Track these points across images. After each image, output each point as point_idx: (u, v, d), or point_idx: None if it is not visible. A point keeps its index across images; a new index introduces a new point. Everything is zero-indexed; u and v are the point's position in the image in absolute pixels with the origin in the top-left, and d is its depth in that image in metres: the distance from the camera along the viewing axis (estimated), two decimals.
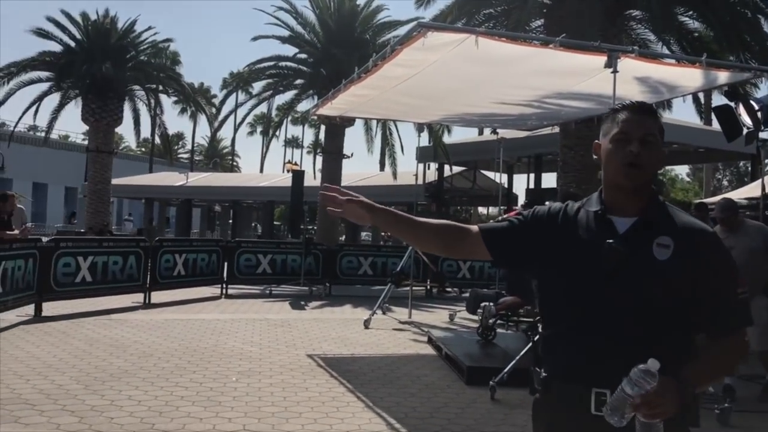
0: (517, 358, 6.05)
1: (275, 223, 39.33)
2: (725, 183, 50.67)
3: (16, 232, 8.57)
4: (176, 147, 62.97)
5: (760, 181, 9.47)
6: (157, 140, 43.10)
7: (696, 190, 47.89)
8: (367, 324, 9.32)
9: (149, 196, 35.52)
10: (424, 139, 18.75)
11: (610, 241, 1.78)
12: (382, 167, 34.24)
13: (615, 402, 1.57)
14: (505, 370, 5.91)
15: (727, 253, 1.85)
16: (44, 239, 10.10)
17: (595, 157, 1.91)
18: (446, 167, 23.46)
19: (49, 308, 9.12)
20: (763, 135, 7.36)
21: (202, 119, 49.35)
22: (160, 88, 24.50)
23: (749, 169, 30.55)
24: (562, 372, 1.82)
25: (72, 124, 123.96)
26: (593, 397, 1.74)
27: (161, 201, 37.90)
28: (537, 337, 6.50)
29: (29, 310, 8.90)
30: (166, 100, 43.90)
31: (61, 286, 9.40)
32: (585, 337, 1.76)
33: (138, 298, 10.77)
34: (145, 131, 41.24)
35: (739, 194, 13.00)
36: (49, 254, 9.17)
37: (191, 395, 5.40)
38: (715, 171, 47.07)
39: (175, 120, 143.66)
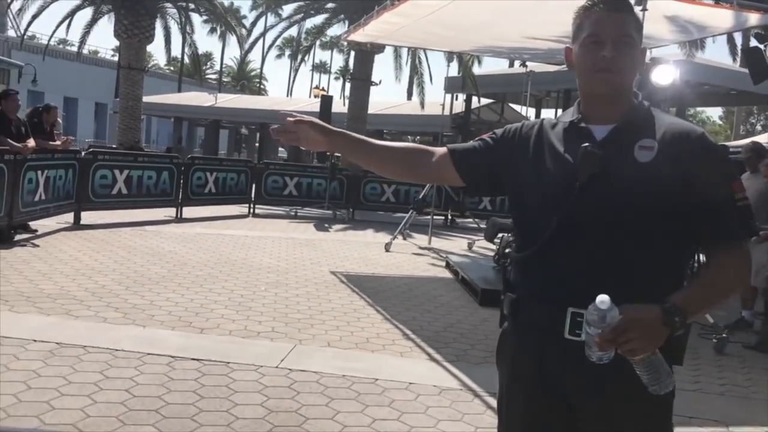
0: None
1: (301, 147, 39.59)
2: (759, 127, 49.69)
3: (58, 142, 8.96)
4: (205, 67, 62.84)
5: None
6: (187, 60, 43.16)
7: (727, 133, 47.07)
8: (388, 247, 9.70)
9: (178, 115, 35.88)
10: (453, 70, 18.72)
11: (586, 144, 1.60)
12: (409, 96, 34.08)
13: (587, 341, 1.45)
14: None
15: (720, 155, 1.63)
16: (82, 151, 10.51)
17: (566, 62, 1.71)
18: (474, 99, 23.38)
19: (87, 217, 9.59)
20: None
21: (232, 40, 49.15)
22: (191, 6, 24.48)
23: None
24: (534, 292, 1.64)
25: (103, 40, 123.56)
26: (568, 319, 1.55)
27: (190, 121, 38.26)
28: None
29: (68, 218, 9.38)
30: (197, 19, 43.68)
31: (98, 196, 9.85)
32: (560, 253, 1.58)
33: (170, 212, 11.24)
34: (175, 50, 41.27)
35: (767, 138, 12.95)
36: (87, 166, 9.58)
37: (224, 300, 5.84)
38: (749, 115, 46.15)
39: (204, 39, 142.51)
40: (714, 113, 52.92)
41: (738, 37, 20.44)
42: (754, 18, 6.87)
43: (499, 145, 1.79)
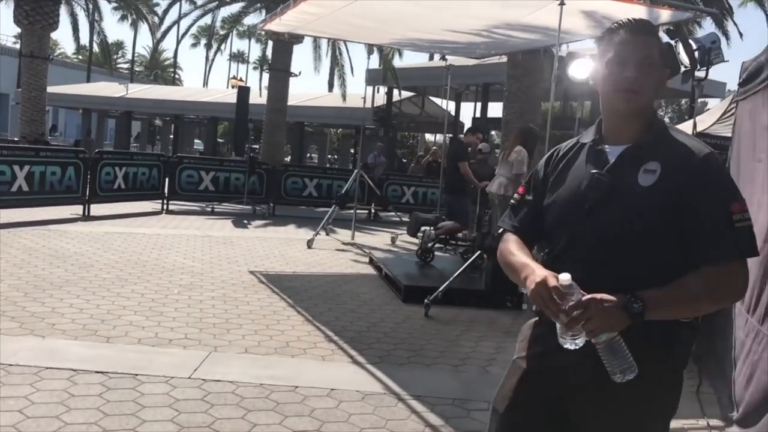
0: (452, 278, 6.33)
1: (219, 140, 38.62)
2: (667, 120, 51.98)
3: None
4: (116, 57, 60.36)
5: (698, 118, 9.84)
6: (96, 48, 41.31)
7: None
8: (310, 244, 9.48)
9: (87, 107, 34.27)
10: (374, 62, 18.62)
11: (594, 171, 1.71)
12: (330, 88, 33.80)
13: (558, 327, 1.59)
14: (440, 289, 6.18)
15: (722, 173, 1.68)
16: None
17: (591, 82, 1.80)
18: (395, 92, 23.36)
19: None
20: (699, 74, 7.60)
21: (144, 28, 47.28)
22: None
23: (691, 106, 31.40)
24: None
25: (4, 27, 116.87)
26: None
27: (100, 112, 36.62)
28: (471, 258, 6.81)
29: None
30: (106, 6, 41.89)
31: None
32: (566, 267, 1.62)
33: (77, 210, 10.62)
34: (84, 38, 39.34)
35: None
36: None
37: (133, 305, 5.50)
38: (657, 108, 48.26)
39: (115, 27, 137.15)
40: None
41: None
42: (665, 14, 7.02)
43: (538, 183, 1.91)
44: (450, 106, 20.48)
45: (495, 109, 22.38)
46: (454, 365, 4.69)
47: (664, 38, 8.26)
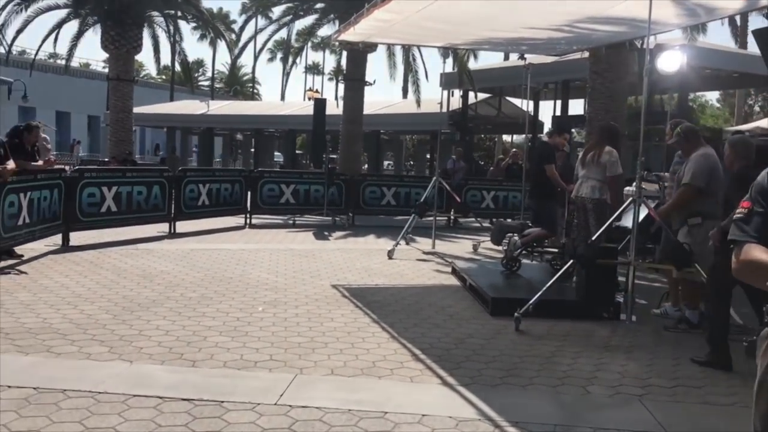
0: (543, 289, 6.00)
1: (297, 152, 39.23)
2: (756, 109, 49.25)
3: (41, 162, 8.57)
4: (196, 74, 62.40)
5: None
6: (178, 68, 42.79)
7: (726, 116, 46.68)
8: (390, 254, 9.32)
9: (171, 125, 35.50)
10: (449, 66, 18.35)
11: None
12: (405, 94, 33.70)
13: None
14: (531, 301, 5.87)
15: None
16: (67, 168, 10.13)
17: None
18: (471, 94, 23.01)
19: (76, 238, 9.21)
20: None
21: (222, 46, 48.67)
22: (179, 13, 24.05)
23: None
24: None
25: (93, 52, 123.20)
26: None
27: (183, 129, 37.87)
28: (564, 268, 6.44)
29: (57, 239, 9.00)
30: (185, 27, 43.38)
31: (86, 216, 9.46)
32: None
33: (163, 227, 10.85)
34: (165, 59, 40.71)
35: None
36: (73, 184, 9.20)
37: (218, 325, 5.46)
38: (746, 97, 45.72)
39: (194, 47, 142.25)
40: (711, 96, 52.52)
41: (739, 18, 20.07)
42: None
43: (765, 195, 2.05)
44: (529, 105, 19.97)
45: (575, 107, 21.74)
46: (552, 386, 4.39)
47: (757, 24, 7.68)
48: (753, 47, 18.76)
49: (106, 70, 26.09)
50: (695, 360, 4.99)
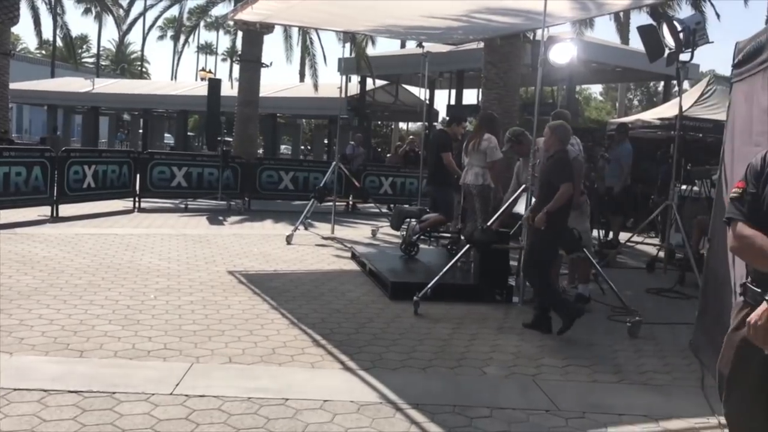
0: (442, 273, 6.11)
1: (189, 133, 37.96)
2: (635, 102, 52.31)
3: None
4: (80, 51, 59.06)
5: (676, 101, 9.73)
6: (59, 42, 40.28)
7: (609, 108, 49.30)
8: (289, 240, 9.21)
9: (52, 103, 33.41)
10: (347, 51, 18.30)
11: None
12: (302, 78, 33.36)
13: None
14: (429, 285, 5.97)
15: None
16: None
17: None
18: (369, 81, 23.05)
19: None
20: (683, 56, 7.47)
21: (109, 21, 46.08)
22: None
23: (659, 89, 31.60)
24: None
25: None
26: None
27: (66, 108, 35.74)
28: (461, 252, 6.59)
29: None
30: None
31: None
32: None
33: (45, 211, 10.21)
34: (47, 32, 38.23)
35: (653, 114, 13.36)
36: None
37: (107, 313, 5.19)
38: (626, 91, 48.44)
39: (78, 21, 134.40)
40: (596, 89, 55.25)
41: (622, 15, 21.14)
42: None
43: (759, 177, 2.23)
44: (425, 93, 20.25)
45: (469, 96, 22.26)
46: (450, 367, 4.48)
47: (648, 20, 8.13)
48: (635, 43, 19.87)
49: None
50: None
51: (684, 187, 9.33)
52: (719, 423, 3.72)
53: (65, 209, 10.47)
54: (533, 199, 6.11)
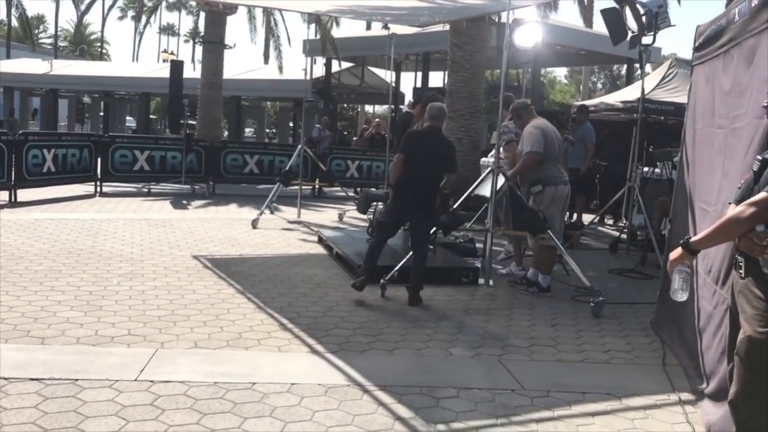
0: (408, 256, 6.12)
1: (151, 116, 37.28)
2: (599, 86, 52.91)
3: None
4: (37, 31, 57.46)
5: (639, 84, 9.86)
6: (15, 22, 39.12)
7: (573, 92, 49.78)
8: (255, 224, 9.13)
9: (8, 85, 32.44)
10: (312, 32, 18.11)
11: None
12: (266, 60, 32.96)
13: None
14: (396, 268, 5.98)
15: None
16: None
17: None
18: (334, 63, 22.88)
19: None
20: (645, 40, 7.55)
21: (67, 1, 44.93)
22: None
23: (622, 72, 31.99)
24: None
25: None
26: None
27: (22, 90, 34.77)
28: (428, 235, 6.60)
29: None
30: None
31: None
32: None
33: (2, 196, 9.96)
34: (0, 12, 37.08)
35: (616, 97, 13.51)
36: None
37: (69, 300, 5.10)
38: (590, 74, 48.94)
39: (34, 0, 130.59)
40: (560, 72, 55.74)
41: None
42: None
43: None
44: (391, 76, 20.18)
45: (435, 79, 22.23)
46: (417, 349, 4.50)
47: (611, 3, 8.18)
48: (598, 26, 20.02)
49: None
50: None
51: (646, 169, 9.47)
52: (679, 399, 3.82)
53: (24, 194, 10.23)
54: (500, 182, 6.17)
